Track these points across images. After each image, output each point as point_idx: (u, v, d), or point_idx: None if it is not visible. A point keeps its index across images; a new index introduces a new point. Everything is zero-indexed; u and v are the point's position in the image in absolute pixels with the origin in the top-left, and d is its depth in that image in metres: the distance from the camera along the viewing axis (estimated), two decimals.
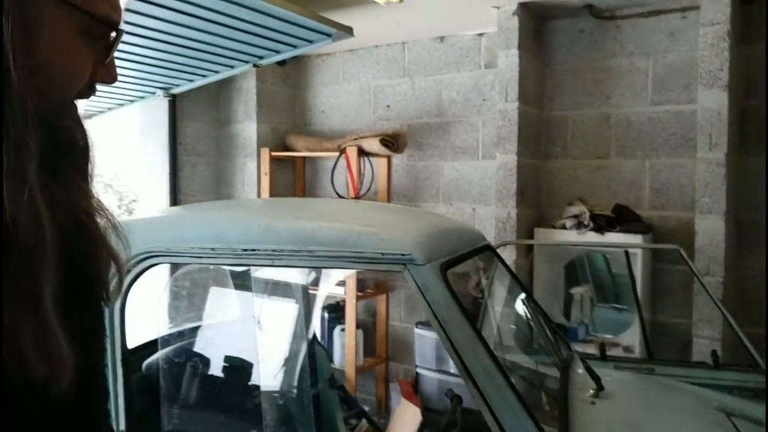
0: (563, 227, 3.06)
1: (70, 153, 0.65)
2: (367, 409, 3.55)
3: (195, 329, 2.22)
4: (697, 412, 1.75)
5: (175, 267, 1.95)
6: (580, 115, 3.17)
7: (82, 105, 0.70)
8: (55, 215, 0.63)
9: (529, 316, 2.29)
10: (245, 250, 1.35)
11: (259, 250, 1.34)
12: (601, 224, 2.96)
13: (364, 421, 3.18)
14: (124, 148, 3.66)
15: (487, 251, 2.03)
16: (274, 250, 1.32)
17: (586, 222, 2.99)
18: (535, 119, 3.21)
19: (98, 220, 0.69)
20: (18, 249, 0.50)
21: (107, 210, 0.71)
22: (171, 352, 2.01)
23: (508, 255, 3.06)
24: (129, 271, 1.44)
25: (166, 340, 1.95)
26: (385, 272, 3.15)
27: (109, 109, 3.79)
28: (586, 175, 3.18)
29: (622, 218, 2.97)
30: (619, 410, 1.66)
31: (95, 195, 0.70)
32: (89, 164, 0.69)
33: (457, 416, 1.96)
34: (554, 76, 3.23)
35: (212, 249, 1.37)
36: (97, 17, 0.60)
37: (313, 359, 2.27)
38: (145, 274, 1.45)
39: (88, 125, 0.68)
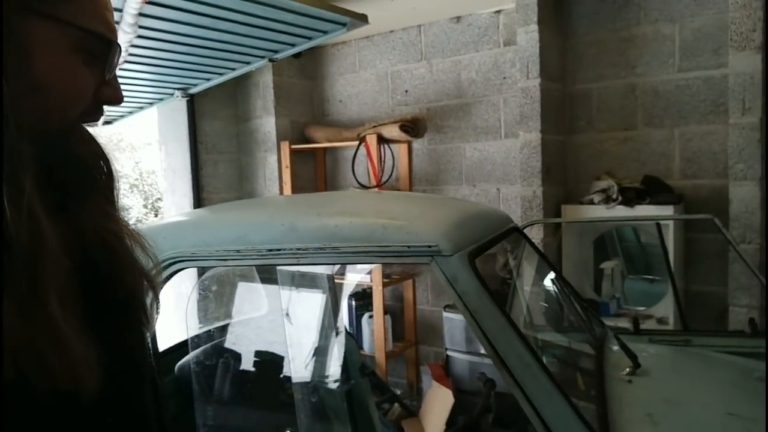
0: (591, 202, 3.00)
1: (87, 175, 0.65)
2: (398, 392, 3.57)
3: (224, 327, 2.25)
4: (738, 383, 1.70)
5: (201, 269, 1.97)
6: (604, 87, 3.09)
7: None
8: (78, 237, 0.64)
9: (559, 294, 2.26)
10: (270, 250, 1.35)
11: (284, 249, 1.34)
12: (630, 197, 2.89)
13: (396, 405, 3.20)
14: (146, 150, 3.71)
15: (514, 233, 2.01)
16: (299, 249, 1.32)
17: (614, 196, 2.93)
18: (558, 94, 3.14)
19: (126, 241, 0.69)
20: (20, 255, 0.51)
21: (134, 231, 0.71)
22: (202, 351, 2.04)
23: (536, 234, 3.02)
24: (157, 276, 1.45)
25: (197, 341, 1.97)
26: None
27: (130, 113, 3.83)
28: (613, 148, 3.11)
29: (652, 190, 2.90)
30: (658, 387, 1.63)
31: (121, 218, 0.71)
32: (114, 189, 0.70)
33: (491, 401, 1.95)
34: (576, 49, 3.15)
35: (237, 251, 1.37)
36: (91, 33, 0.60)
37: (342, 348, 2.28)
38: (173, 278, 1.46)
39: (110, 152, 0.68)
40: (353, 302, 3.63)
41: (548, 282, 2.29)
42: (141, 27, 2.29)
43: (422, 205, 1.65)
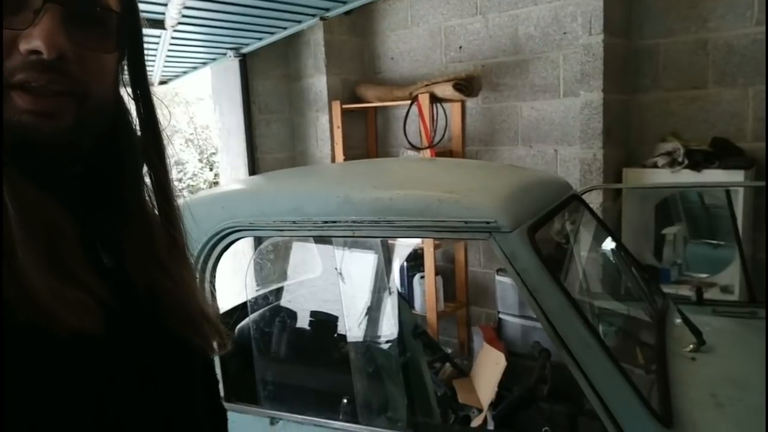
0: (655, 166, 2.86)
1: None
2: (450, 351, 3.60)
3: (281, 289, 2.29)
4: None
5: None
6: (673, 42, 2.90)
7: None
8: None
9: (618, 263, 2.19)
10: (325, 222, 1.35)
11: (339, 221, 1.33)
12: (697, 160, 2.74)
13: (448, 365, 3.23)
14: (200, 105, 3.75)
15: (573, 201, 1.94)
16: (354, 222, 1.31)
17: (680, 159, 2.78)
18: (623, 51, 2.97)
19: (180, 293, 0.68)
20: None
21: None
22: (260, 313, 2.09)
23: (595, 198, 2.92)
24: (216, 245, 1.48)
25: (255, 303, 2.02)
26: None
27: (184, 72, 3.87)
28: (681, 108, 2.94)
29: (721, 153, 2.74)
30: (723, 366, 1.57)
31: (176, 261, 0.70)
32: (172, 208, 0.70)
33: (546, 372, 1.94)
34: (643, 2, 2.95)
35: (293, 222, 1.38)
36: None
37: (395, 309, 2.29)
38: (231, 247, 1.49)
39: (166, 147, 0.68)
40: (405, 263, 3.64)
41: (607, 250, 2.22)
42: None
43: (479, 174, 1.61)
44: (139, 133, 0.68)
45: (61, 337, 0.52)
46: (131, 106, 0.69)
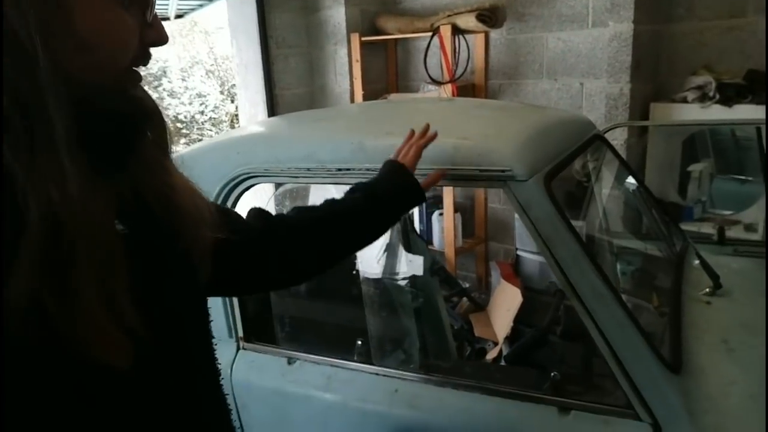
0: (684, 101, 2.76)
1: (146, 124, 0.65)
2: (467, 286, 3.66)
3: None
4: None
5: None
6: None
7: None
8: (135, 196, 0.65)
9: (639, 204, 2.16)
10: (339, 169, 1.34)
11: (353, 169, 1.33)
12: (729, 95, 2.63)
13: (465, 299, 3.29)
14: (220, 35, 3.67)
15: (596, 141, 1.90)
16: (368, 170, 1.30)
17: (711, 93, 2.67)
18: None
19: (184, 192, 0.70)
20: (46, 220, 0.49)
21: (189, 182, 0.72)
22: None
23: (619, 135, 2.85)
24: (232, 190, 1.49)
25: None
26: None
27: (200, 5, 3.78)
28: (715, 39, 2.79)
29: (755, 86, 2.62)
30: (739, 310, 1.57)
31: (176, 169, 0.72)
32: (167, 141, 0.70)
33: (560, 313, 1.96)
34: None
35: (307, 169, 1.38)
36: None
37: (410, 245, 2.32)
38: (247, 193, 1.50)
39: (160, 105, 0.68)
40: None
41: (628, 190, 2.18)
42: None
43: (497, 117, 1.57)
44: None
45: (88, 366, 0.53)
46: None
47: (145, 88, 0.66)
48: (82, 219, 0.51)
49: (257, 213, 1.03)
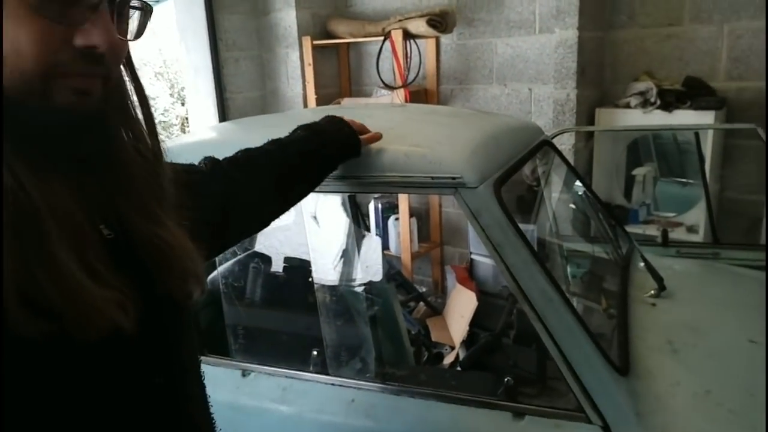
0: (627, 106, 2.85)
1: (85, 131, 0.62)
2: (424, 290, 3.68)
3: (252, 238, 2.28)
4: (763, 305, 1.69)
5: None
6: None
7: None
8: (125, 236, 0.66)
9: (586, 208, 2.22)
10: None
11: None
12: (669, 101, 2.74)
13: (422, 303, 3.31)
14: (168, 36, 3.56)
15: (545, 146, 1.93)
16: None
17: (652, 99, 2.77)
18: None
19: (174, 245, 0.69)
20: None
21: (182, 235, 0.71)
22: (231, 263, 2.09)
23: (567, 140, 2.92)
24: None
25: (226, 254, 2.01)
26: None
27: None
28: (655, 46, 2.90)
29: (693, 92, 2.74)
30: (682, 310, 1.63)
31: (171, 219, 0.71)
32: (162, 184, 0.71)
33: (513, 317, 1.99)
34: None
35: None
36: None
37: (365, 251, 2.31)
38: None
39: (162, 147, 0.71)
40: (379, 205, 3.64)
41: (575, 195, 2.24)
42: None
43: (447, 124, 1.58)
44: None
45: (91, 342, 0.55)
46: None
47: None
48: (40, 202, 0.54)
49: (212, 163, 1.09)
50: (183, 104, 9.42)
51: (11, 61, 0.54)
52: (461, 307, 3.05)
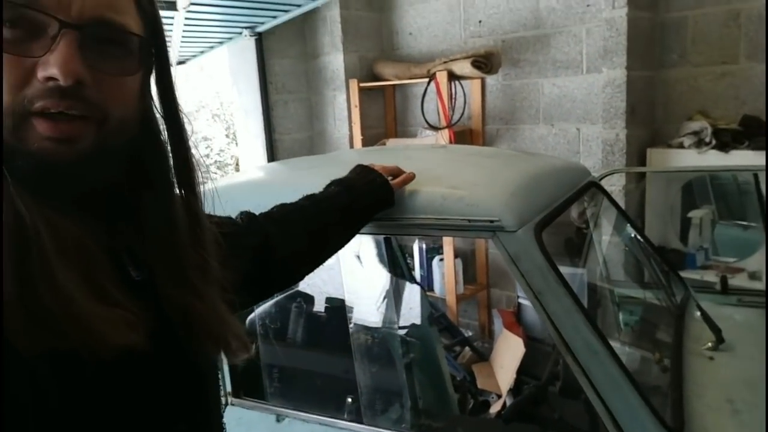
0: (681, 146, 2.75)
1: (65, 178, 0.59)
2: (470, 334, 3.58)
3: None
4: None
5: None
6: (702, 14, 2.75)
7: None
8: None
9: (638, 254, 2.12)
10: None
11: None
12: (725, 141, 2.62)
13: (467, 348, 3.21)
14: (220, 87, 3.72)
15: (591, 188, 1.87)
16: None
17: (707, 139, 2.66)
18: (648, 24, 2.83)
19: (209, 316, 0.68)
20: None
21: (219, 304, 0.70)
22: (269, 305, 2.09)
23: (617, 181, 2.83)
24: None
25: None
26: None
27: (201, 52, 3.84)
28: (709, 84, 2.80)
29: (750, 132, 2.62)
30: (743, 366, 1.51)
31: (207, 288, 0.70)
32: (202, 252, 0.70)
33: (559, 368, 1.89)
34: None
35: None
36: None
37: (409, 294, 2.27)
38: None
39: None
40: (423, 245, 3.60)
41: (627, 240, 2.15)
42: None
43: (488, 166, 1.55)
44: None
45: (106, 359, 0.54)
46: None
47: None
48: (39, 221, 0.53)
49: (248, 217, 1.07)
50: (237, 144, 9.77)
51: None
52: (508, 353, 2.94)
